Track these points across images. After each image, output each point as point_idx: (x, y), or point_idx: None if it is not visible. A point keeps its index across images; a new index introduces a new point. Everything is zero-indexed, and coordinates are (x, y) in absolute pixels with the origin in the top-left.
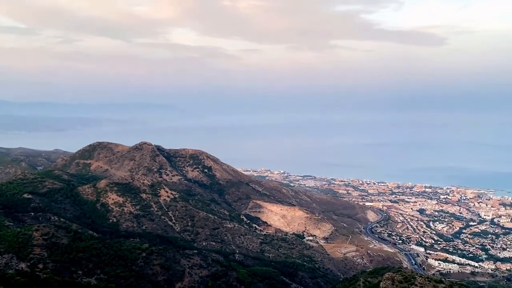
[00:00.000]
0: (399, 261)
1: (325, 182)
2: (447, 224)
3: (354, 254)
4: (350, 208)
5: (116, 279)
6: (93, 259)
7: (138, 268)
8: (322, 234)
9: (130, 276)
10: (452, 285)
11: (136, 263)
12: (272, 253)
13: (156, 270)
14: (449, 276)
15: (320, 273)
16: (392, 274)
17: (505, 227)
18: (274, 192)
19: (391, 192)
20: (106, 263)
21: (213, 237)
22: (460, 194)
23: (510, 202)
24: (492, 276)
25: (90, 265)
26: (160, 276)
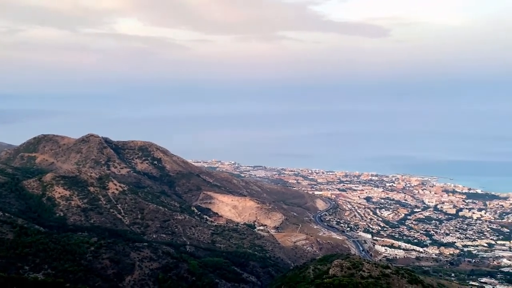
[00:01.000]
0: (347, 248)
1: (276, 172)
2: (393, 211)
3: (304, 243)
4: (300, 197)
5: (64, 274)
6: (40, 254)
7: (87, 262)
8: (272, 223)
9: (78, 271)
10: (398, 270)
11: (85, 257)
12: (223, 243)
13: (105, 264)
14: (395, 261)
15: (271, 262)
16: (340, 261)
17: (448, 213)
18: (225, 183)
19: (339, 181)
20: (54, 258)
21: (164, 229)
22: (405, 181)
23: (452, 188)
24: (436, 260)
25: (37, 260)
26: (109, 269)
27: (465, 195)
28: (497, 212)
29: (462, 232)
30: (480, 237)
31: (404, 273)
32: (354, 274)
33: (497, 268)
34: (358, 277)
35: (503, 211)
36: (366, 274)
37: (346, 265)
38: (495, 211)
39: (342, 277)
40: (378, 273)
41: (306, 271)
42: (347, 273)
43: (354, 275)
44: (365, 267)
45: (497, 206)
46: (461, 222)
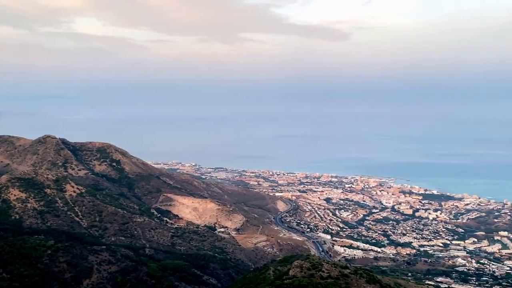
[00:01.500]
0: (307, 249)
1: (237, 174)
2: (352, 212)
3: (265, 244)
4: (261, 199)
5: (20, 278)
6: None
7: (44, 266)
8: (233, 225)
9: (35, 275)
10: (357, 270)
11: (42, 260)
12: (183, 246)
13: (62, 268)
14: (354, 261)
15: (232, 263)
16: (300, 262)
17: (405, 213)
18: (186, 185)
19: (299, 182)
20: (9, 262)
21: (123, 232)
22: (364, 183)
23: (409, 190)
24: (393, 260)
25: None
26: (67, 273)
27: (421, 196)
28: (452, 213)
29: (418, 232)
30: (436, 237)
31: (363, 273)
32: (313, 275)
33: (452, 267)
34: (317, 278)
35: (458, 212)
36: (326, 275)
37: (306, 265)
38: (450, 212)
39: (302, 277)
40: (337, 273)
41: (266, 272)
42: (307, 273)
43: (313, 276)
44: (324, 268)
45: (452, 206)
46: (417, 223)
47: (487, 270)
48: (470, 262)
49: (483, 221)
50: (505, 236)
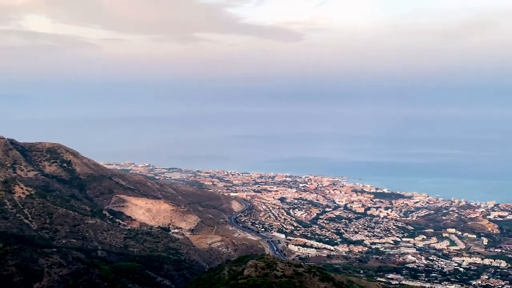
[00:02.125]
0: (262, 248)
1: (191, 174)
2: (306, 211)
3: (219, 244)
4: (215, 199)
5: None
6: None
7: None
8: (188, 226)
9: None
10: (310, 269)
11: None
12: (136, 247)
13: (11, 271)
14: (308, 260)
15: (186, 264)
16: (255, 262)
17: (357, 212)
18: (139, 186)
19: (254, 182)
20: None
21: (74, 234)
22: (317, 182)
23: (361, 188)
24: (346, 258)
25: None
26: (16, 277)
27: (373, 195)
28: (402, 211)
29: (370, 230)
30: (387, 235)
31: (316, 271)
32: (268, 274)
33: (403, 264)
34: (272, 277)
35: (407, 210)
36: (280, 274)
37: (261, 265)
38: (400, 210)
39: (256, 277)
40: (291, 272)
41: (221, 272)
42: (261, 273)
43: (268, 275)
44: (279, 267)
45: (402, 204)
46: (369, 221)
47: (436, 266)
48: (419, 259)
49: (432, 218)
50: (453, 233)
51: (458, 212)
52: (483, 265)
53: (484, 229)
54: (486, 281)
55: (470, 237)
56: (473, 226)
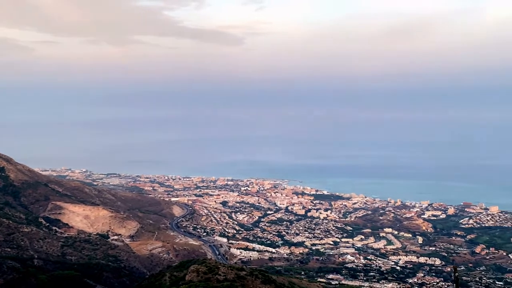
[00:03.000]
0: (204, 253)
1: (131, 180)
2: (248, 214)
3: (160, 250)
4: (156, 205)
5: None
6: None
7: None
8: (127, 232)
9: None
10: (253, 272)
11: None
12: (74, 255)
13: None
14: (250, 263)
15: (126, 272)
16: (197, 266)
17: (298, 214)
18: (76, 192)
19: (196, 186)
20: None
21: (8, 243)
22: (259, 185)
23: (301, 191)
24: (287, 260)
25: None
26: None
27: (313, 197)
28: (341, 212)
29: (310, 232)
30: (327, 236)
31: (258, 274)
32: (210, 278)
33: (342, 264)
34: (214, 281)
35: (346, 211)
36: (222, 278)
37: (203, 270)
38: (339, 211)
39: (198, 282)
40: (234, 275)
41: (162, 278)
42: (203, 278)
43: (210, 279)
44: (221, 271)
45: (341, 206)
46: (309, 222)
47: (374, 265)
48: (358, 259)
49: (369, 219)
50: (390, 233)
51: (394, 212)
52: (419, 263)
53: (419, 228)
54: (422, 278)
55: (406, 236)
56: (409, 226)
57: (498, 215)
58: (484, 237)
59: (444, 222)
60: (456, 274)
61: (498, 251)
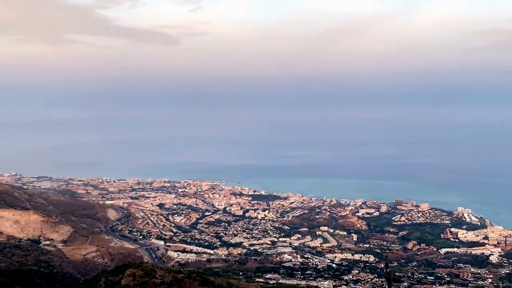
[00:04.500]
0: (140, 256)
1: (63, 183)
2: (185, 216)
3: (95, 255)
4: (90, 208)
5: None
6: None
7: None
8: (60, 237)
9: None
10: (190, 274)
11: None
12: (4, 262)
13: None
14: (188, 265)
15: (59, 277)
16: (133, 270)
17: (236, 214)
18: (5, 196)
19: (131, 188)
20: None
21: None
22: (197, 186)
23: (239, 191)
24: (225, 261)
25: None
26: None
27: (251, 197)
28: (279, 211)
29: (248, 232)
30: (265, 236)
31: (196, 276)
32: (147, 282)
33: (280, 263)
34: (151, 285)
35: (284, 210)
36: (159, 281)
37: (139, 273)
38: (277, 211)
39: (134, 286)
40: (171, 278)
41: (97, 283)
42: (140, 281)
43: (147, 283)
44: (157, 274)
45: (279, 205)
46: (247, 223)
47: (311, 263)
48: (295, 257)
49: (306, 218)
50: (326, 231)
51: (330, 211)
52: (354, 260)
53: (354, 226)
54: (357, 275)
55: (341, 234)
56: (344, 224)
57: (428, 211)
58: (415, 233)
59: (377, 219)
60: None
61: (429, 246)
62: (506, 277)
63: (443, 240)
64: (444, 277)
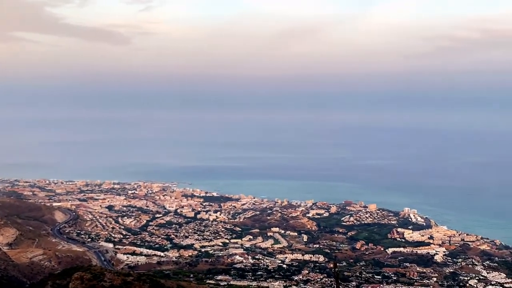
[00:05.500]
0: (88, 259)
1: (8, 184)
2: (135, 218)
3: (42, 258)
4: (36, 210)
5: None
6: None
7: None
8: (5, 240)
9: None
10: (140, 276)
11: None
12: None
13: None
14: (138, 268)
15: (4, 281)
16: (81, 273)
17: (187, 216)
18: None
19: (80, 190)
20: None
21: None
22: (147, 188)
23: (191, 193)
24: (176, 263)
25: None
26: None
27: (202, 199)
28: (231, 213)
29: (200, 234)
30: (216, 237)
31: (146, 278)
32: (95, 286)
33: (231, 265)
34: None
35: (235, 212)
36: (108, 284)
37: (87, 277)
38: (229, 212)
39: None
40: (120, 281)
41: (44, 287)
42: (88, 285)
43: (95, 286)
44: (106, 277)
45: (231, 207)
46: (199, 224)
47: (262, 264)
48: (246, 259)
49: (257, 219)
50: (277, 232)
51: (281, 212)
52: (304, 260)
53: (304, 226)
54: (307, 275)
55: (292, 234)
56: (295, 224)
57: (376, 212)
58: (363, 234)
59: (327, 220)
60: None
61: (376, 246)
62: (450, 276)
63: (390, 240)
64: (391, 276)
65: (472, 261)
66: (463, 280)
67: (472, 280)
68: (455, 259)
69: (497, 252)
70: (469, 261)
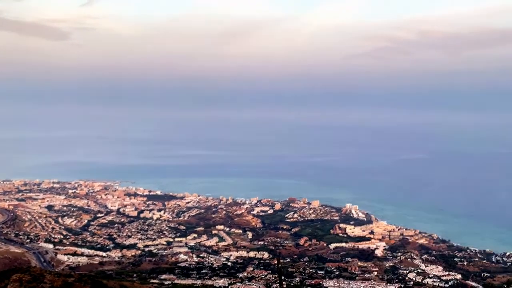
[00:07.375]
0: (27, 261)
1: None
2: (76, 218)
3: None
4: None
5: None
6: None
7: None
8: None
9: None
10: (81, 277)
11: None
12: None
13: None
14: (79, 269)
15: None
16: (19, 275)
17: (130, 215)
18: None
19: (17, 190)
20: None
21: None
22: (88, 187)
23: (134, 192)
24: (119, 263)
25: None
26: None
27: (146, 197)
28: (175, 211)
29: (143, 233)
30: (160, 236)
31: (88, 279)
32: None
33: (175, 264)
34: None
35: (180, 210)
36: (48, 286)
37: (26, 278)
38: (173, 211)
39: None
40: (61, 283)
41: None
42: (27, 287)
43: None
44: (46, 279)
45: (175, 205)
46: (142, 224)
47: (206, 263)
48: (191, 257)
49: (202, 217)
50: (222, 230)
51: (226, 210)
52: (249, 257)
53: (249, 224)
54: (252, 272)
55: (236, 232)
56: (239, 222)
57: (319, 208)
58: (307, 230)
59: (272, 217)
60: (279, 265)
61: (319, 242)
62: (390, 270)
63: (332, 236)
64: (333, 271)
65: (411, 255)
66: (403, 274)
67: (411, 273)
68: (395, 253)
69: (435, 246)
70: (408, 255)
